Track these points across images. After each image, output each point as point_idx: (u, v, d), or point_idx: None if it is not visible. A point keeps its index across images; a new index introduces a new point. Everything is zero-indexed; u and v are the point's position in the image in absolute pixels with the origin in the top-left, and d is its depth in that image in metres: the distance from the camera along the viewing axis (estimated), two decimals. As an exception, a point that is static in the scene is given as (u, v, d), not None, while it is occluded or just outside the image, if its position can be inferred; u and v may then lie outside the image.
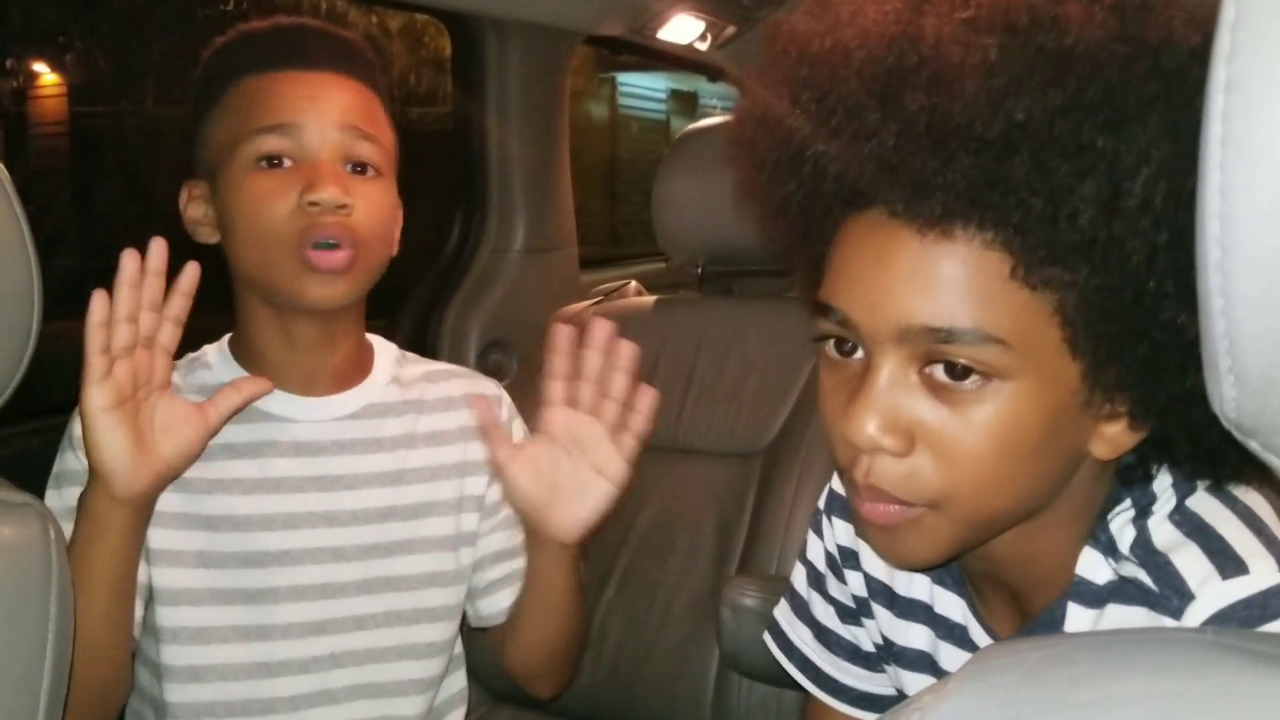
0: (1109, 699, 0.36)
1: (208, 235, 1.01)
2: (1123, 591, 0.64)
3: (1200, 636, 0.38)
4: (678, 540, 1.40)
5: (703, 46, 2.15)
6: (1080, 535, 0.67)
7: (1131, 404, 0.60)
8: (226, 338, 1.07)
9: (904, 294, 0.59)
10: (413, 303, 1.91)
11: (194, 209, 1.01)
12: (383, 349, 1.11)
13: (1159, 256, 0.55)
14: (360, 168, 0.98)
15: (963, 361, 0.58)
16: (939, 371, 0.59)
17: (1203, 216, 0.35)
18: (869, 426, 0.59)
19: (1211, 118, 0.34)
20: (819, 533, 0.89)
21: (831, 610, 0.89)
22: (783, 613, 0.94)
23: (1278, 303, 0.33)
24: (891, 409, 0.60)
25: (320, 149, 0.95)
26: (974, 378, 0.58)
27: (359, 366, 1.08)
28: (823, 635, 0.90)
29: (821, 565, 0.89)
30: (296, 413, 1.02)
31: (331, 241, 0.94)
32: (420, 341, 1.87)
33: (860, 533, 0.67)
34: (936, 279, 0.58)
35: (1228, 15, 0.33)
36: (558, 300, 1.72)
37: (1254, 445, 0.37)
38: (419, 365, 1.13)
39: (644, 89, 6.32)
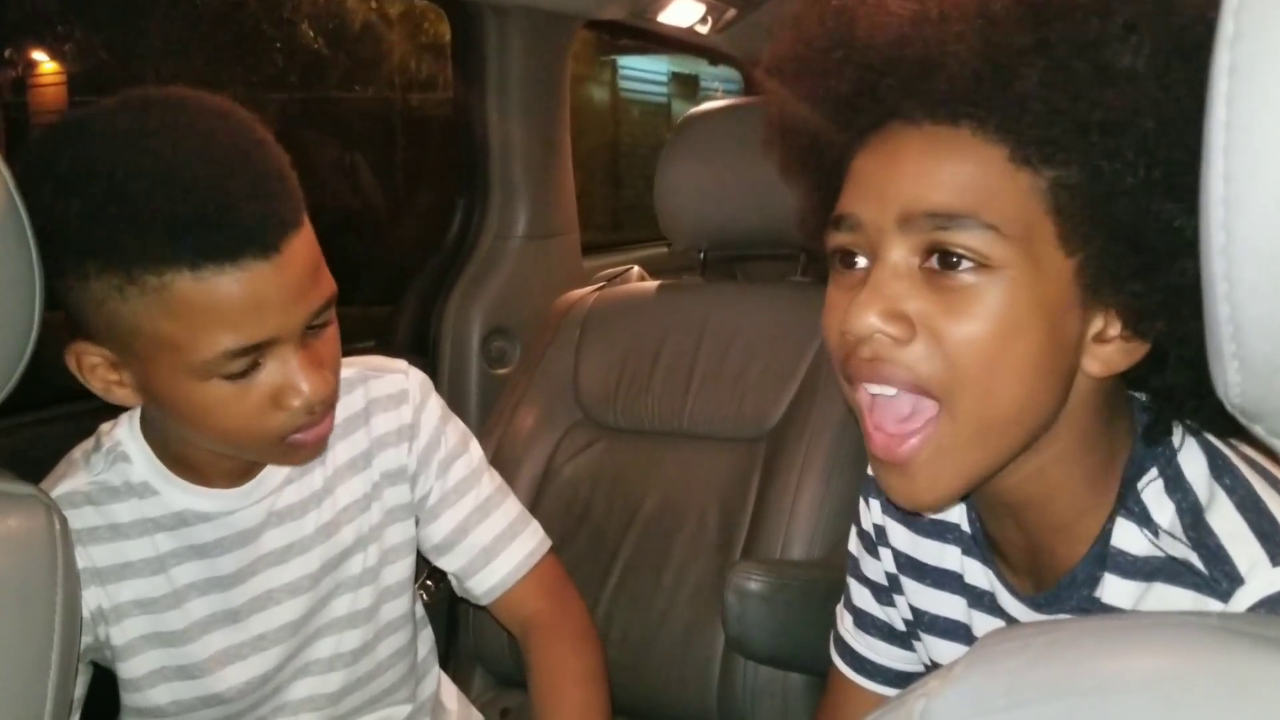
0: (1113, 683, 0.36)
1: (128, 398, 0.85)
2: (1169, 571, 0.64)
3: (1205, 620, 0.38)
4: (682, 525, 1.40)
5: (704, 30, 2.14)
6: (1084, 476, 0.68)
7: (1124, 314, 0.62)
8: (136, 416, 0.95)
9: (909, 184, 0.62)
10: (415, 290, 1.91)
11: (98, 377, 0.84)
12: None
13: (1149, 143, 0.57)
14: (321, 323, 0.86)
15: (960, 250, 0.60)
16: (938, 261, 0.61)
17: (1207, 202, 0.34)
18: (871, 315, 0.62)
19: (1215, 101, 0.34)
20: (857, 519, 0.91)
21: (866, 592, 0.91)
22: (838, 608, 0.97)
23: (1282, 287, 0.33)
24: (893, 298, 0.62)
25: (289, 342, 0.82)
26: (970, 266, 0.60)
27: None
28: (860, 619, 0.93)
29: (855, 549, 0.92)
30: (230, 505, 0.95)
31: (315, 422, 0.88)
32: (423, 329, 1.88)
33: (876, 474, 0.68)
34: (939, 169, 0.62)
35: (1231, 0, 0.33)
36: (560, 286, 1.72)
37: (1258, 430, 0.37)
38: None
39: (645, 72, 6.28)
